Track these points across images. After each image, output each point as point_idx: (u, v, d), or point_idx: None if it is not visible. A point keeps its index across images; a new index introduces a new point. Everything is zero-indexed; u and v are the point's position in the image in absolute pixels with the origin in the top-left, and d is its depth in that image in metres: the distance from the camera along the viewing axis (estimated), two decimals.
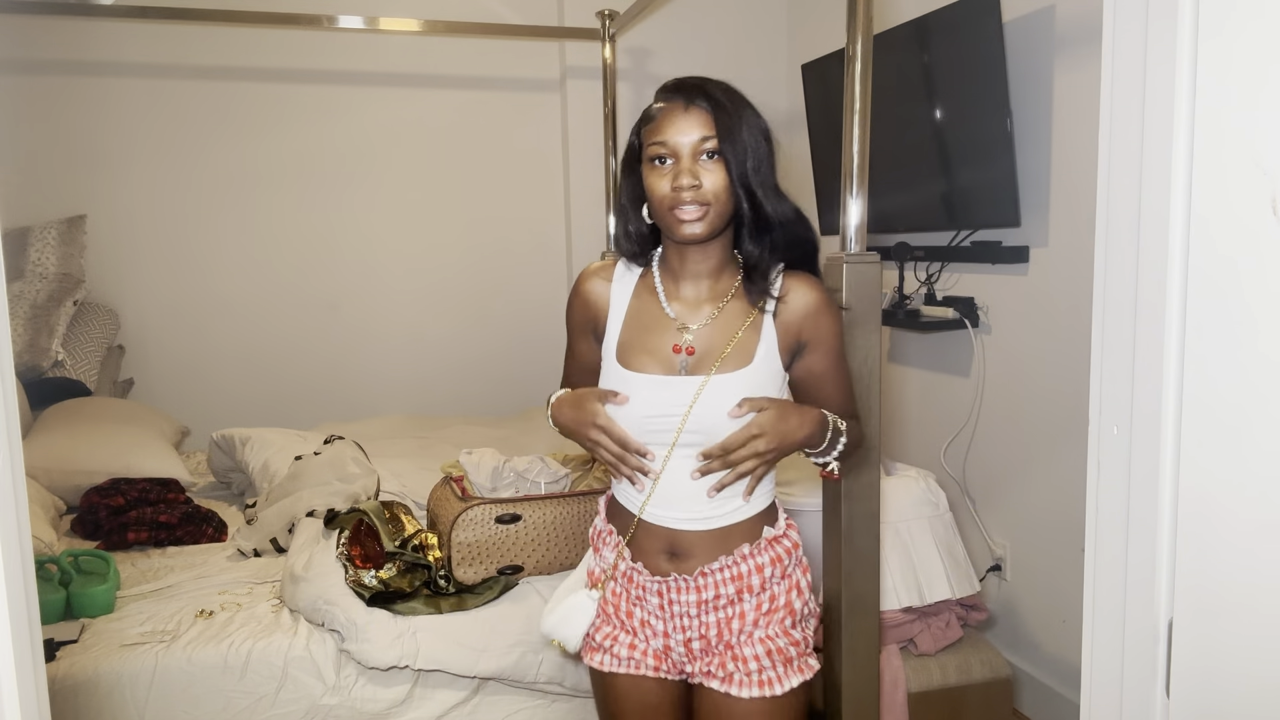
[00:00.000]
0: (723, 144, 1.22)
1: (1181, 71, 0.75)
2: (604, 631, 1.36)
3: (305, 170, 3.56)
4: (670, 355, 1.29)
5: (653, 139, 1.24)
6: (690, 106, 1.23)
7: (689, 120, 1.22)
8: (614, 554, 1.35)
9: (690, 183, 1.21)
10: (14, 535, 0.63)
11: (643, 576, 1.31)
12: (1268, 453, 0.71)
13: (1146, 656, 0.82)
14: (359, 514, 2.07)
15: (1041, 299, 2.41)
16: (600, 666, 1.35)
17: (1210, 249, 0.74)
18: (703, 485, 1.27)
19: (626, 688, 1.34)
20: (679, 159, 1.23)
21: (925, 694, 2.07)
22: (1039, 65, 2.37)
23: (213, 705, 1.73)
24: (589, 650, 1.37)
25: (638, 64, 3.64)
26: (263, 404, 3.53)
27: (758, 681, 1.27)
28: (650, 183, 1.25)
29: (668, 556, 1.30)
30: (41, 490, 2.42)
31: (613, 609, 1.35)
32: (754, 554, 1.29)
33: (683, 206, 1.22)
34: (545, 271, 3.83)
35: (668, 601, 1.30)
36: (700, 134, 1.22)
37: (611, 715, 1.38)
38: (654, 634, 1.33)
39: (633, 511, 1.32)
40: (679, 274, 1.33)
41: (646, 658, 1.34)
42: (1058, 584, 2.41)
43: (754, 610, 1.29)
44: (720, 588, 1.28)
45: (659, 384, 1.27)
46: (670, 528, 1.29)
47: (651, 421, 1.26)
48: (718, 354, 1.27)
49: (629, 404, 1.27)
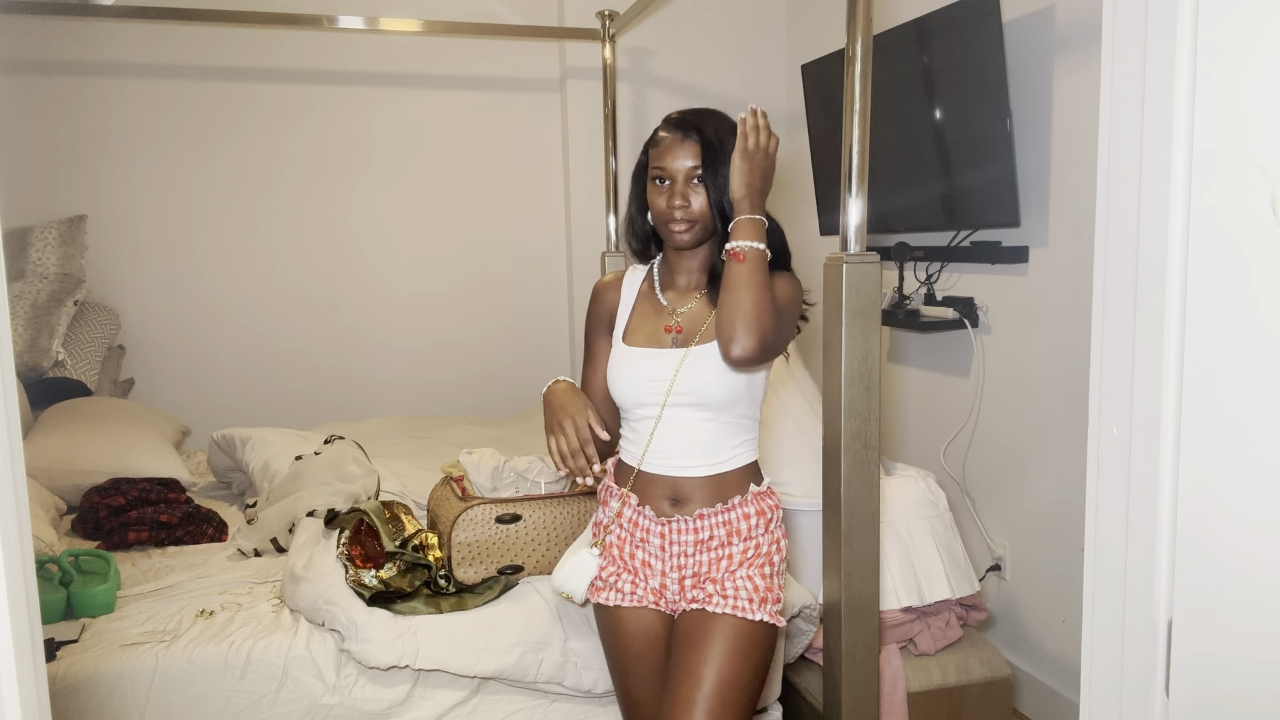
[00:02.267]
0: (705, 173, 1.48)
1: (1181, 71, 0.75)
2: (610, 570, 1.58)
3: (305, 170, 3.56)
4: (662, 334, 1.56)
5: (655, 163, 1.52)
6: (686, 139, 1.49)
7: (684, 150, 1.49)
8: (619, 502, 1.57)
9: (680, 203, 1.49)
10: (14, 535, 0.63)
11: (647, 520, 1.54)
12: (1268, 453, 0.71)
13: (1146, 656, 0.82)
14: (359, 514, 2.07)
15: (1041, 299, 2.41)
16: (606, 602, 1.57)
17: (1210, 249, 0.74)
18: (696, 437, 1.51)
19: (629, 619, 1.56)
20: (674, 182, 1.50)
21: (925, 694, 2.07)
22: (1039, 65, 2.37)
23: (213, 705, 1.73)
24: (595, 591, 1.58)
25: (638, 64, 3.64)
26: (263, 404, 3.53)
27: (732, 605, 1.48)
28: (651, 199, 1.54)
29: (671, 502, 1.54)
30: (42, 490, 2.42)
31: (617, 552, 1.58)
32: (743, 504, 1.53)
33: (674, 221, 1.50)
34: (545, 271, 3.83)
35: (669, 542, 1.53)
36: (691, 163, 1.49)
37: (617, 644, 1.58)
38: (653, 573, 1.55)
39: (632, 465, 1.56)
40: (675, 269, 1.61)
41: (647, 594, 1.56)
42: (1057, 584, 2.41)
43: (740, 554, 1.52)
44: (714, 530, 1.52)
45: (652, 355, 1.54)
46: (672, 475, 1.53)
47: (647, 384, 1.52)
48: (698, 330, 1.54)
49: (630, 371, 1.53)
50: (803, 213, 3.46)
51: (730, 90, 3.73)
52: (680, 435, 1.51)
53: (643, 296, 1.62)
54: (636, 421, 1.55)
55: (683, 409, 1.51)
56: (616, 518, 1.58)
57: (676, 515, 1.53)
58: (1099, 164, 0.85)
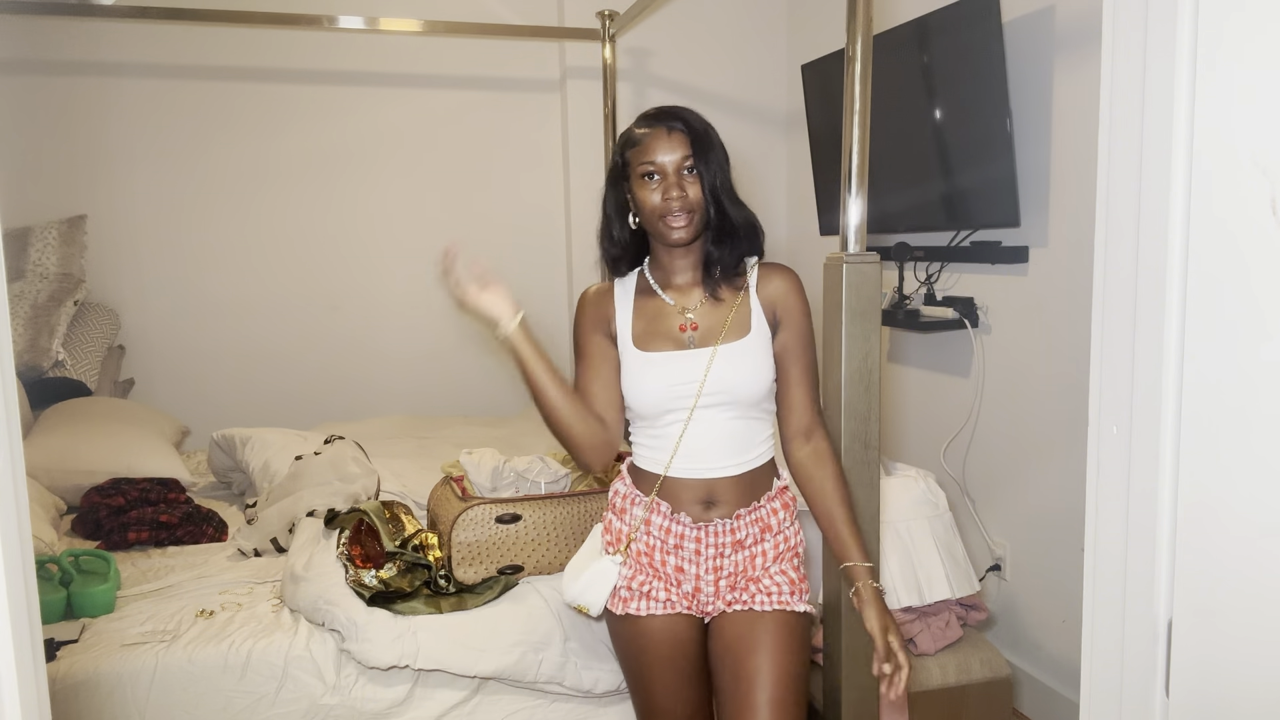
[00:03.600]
0: (698, 161, 1.47)
1: (1181, 71, 0.75)
2: (639, 580, 1.52)
3: (306, 170, 3.56)
4: (678, 334, 1.53)
5: (642, 159, 1.48)
6: (672, 131, 1.48)
7: (672, 142, 1.47)
8: (647, 511, 1.53)
9: (677, 194, 1.46)
10: (14, 535, 0.63)
11: (681, 526, 1.51)
12: (1267, 453, 0.71)
13: (1146, 656, 0.82)
14: (359, 514, 2.07)
15: (1041, 299, 2.41)
16: (637, 613, 1.52)
17: (1210, 249, 0.74)
18: (725, 436, 1.50)
19: (662, 626, 1.52)
20: (666, 175, 1.47)
21: (925, 694, 2.07)
22: (1039, 65, 2.37)
23: (213, 705, 1.73)
24: (621, 602, 1.52)
25: (638, 64, 3.64)
26: (263, 404, 3.53)
27: (777, 601, 1.49)
28: (642, 197, 1.49)
29: (704, 505, 1.51)
30: (42, 490, 2.42)
31: (647, 560, 1.54)
32: (770, 500, 1.54)
33: (673, 214, 1.46)
34: (545, 271, 3.83)
35: (705, 545, 1.51)
36: (682, 153, 1.47)
37: (645, 652, 1.53)
38: (686, 578, 1.53)
39: (657, 471, 1.53)
40: (669, 270, 1.57)
41: (680, 600, 1.52)
42: (1057, 584, 2.41)
43: (772, 549, 1.53)
44: (749, 529, 1.52)
45: (675, 358, 1.51)
46: (704, 478, 1.51)
47: (674, 389, 1.49)
48: (718, 328, 1.51)
49: (654, 377, 1.50)
50: (803, 213, 3.46)
51: (730, 90, 3.73)
52: (710, 436, 1.50)
53: (641, 301, 1.57)
54: (662, 427, 1.52)
55: (712, 409, 1.49)
56: (645, 525, 1.54)
57: (713, 518, 1.51)
58: (1099, 164, 0.85)
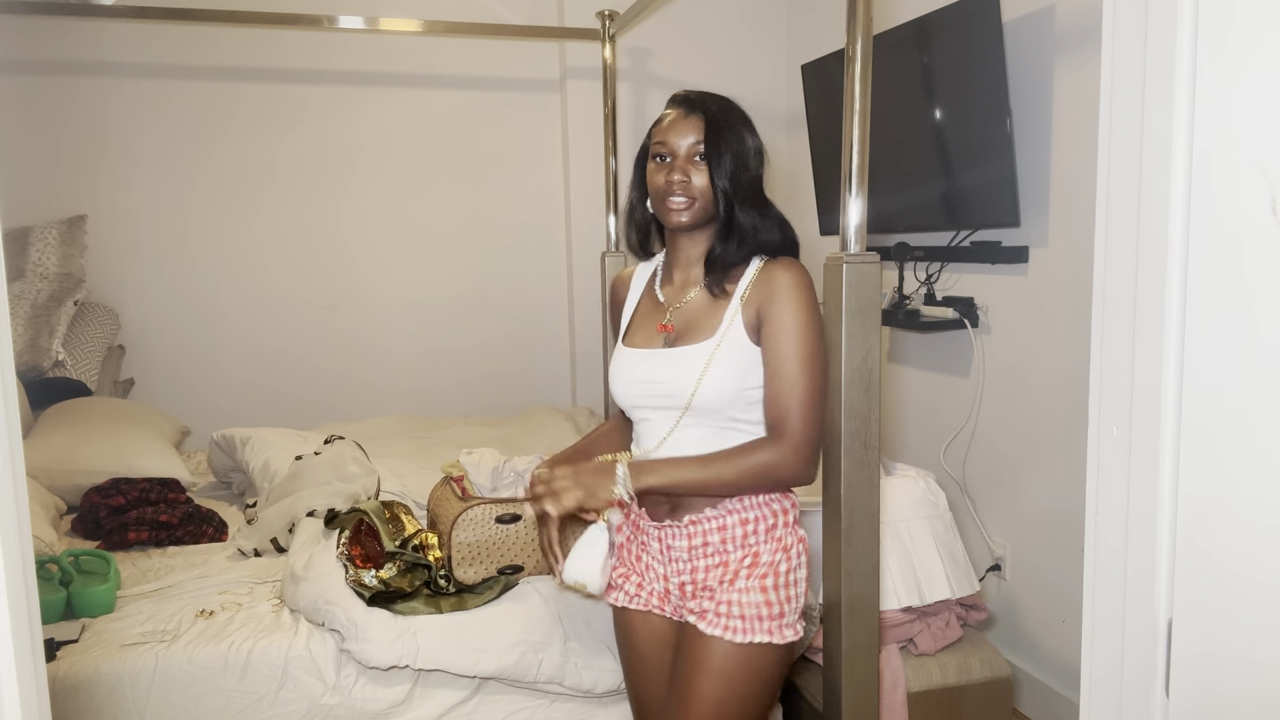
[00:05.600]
0: (708, 149, 1.43)
1: (1181, 71, 0.75)
2: (619, 571, 1.56)
3: (306, 170, 3.56)
4: (655, 333, 1.51)
5: (656, 139, 1.47)
6: (690, 114, 1.45)
7: (687, 125, 1.44)
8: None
9: (680, 178, 1.43)
10: (14, 535, 0.63)
11: (646, 522, 1.51)
12: (1268, 453, 0.71)
13: (1146, 656, 0.82)
14: (359, 514, 2.07)
15: (1041, 299, 2.41)
16: (615, 603, 1.56)
17: (1210, 249, 0.74)
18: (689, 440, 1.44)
19: (637, 622, 1.54)
20: (675, 157, 1.44)
21: (925, 694, 2.07)
22: (1039, 65, 2.37)
23: (213, 705, 1.73)
24: (610, 589, 1.55)
25: (638, 64, 3.64)
26: (263, 404, 3.53)
27: (724, 625, 1.41)
28: (650, 175, 1.48)
29: (669, 507, 1.48)
30: (42, 490, 2.42)
31: (627, 552, 1.56)
32: (741, 509, 1.44)
33: (673, 197, 1.43)
34: (545, 272, 3.83)
35: (665, 546, 1.49)
36: (694, 138, 1.43)
37: (625, 645, 1.57)
38: (656, 576, 1.51)
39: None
40: (673, 261, 1.54)
41: (652, 597, 1.52)
42: (1057, 584, 2.41)
43: (738, 562, 1.44)
44: (708, 536, 1.44)
45: (646, 357, 1.49)
46: None
47: (640, 386, 1.48)
48: (691, 331, 1.47)
49: (625, 374, 1.50)
50: (803, 213, 3.46)
51: (730, 90, 3.69)
52: (670, 439, 1.46)
53: (646, 293, 1.58)
54: (637, 423, 1.53)
55: (669, 412, 1.46)
56: (625, 516, 1.55)
57: (669, 520, 1.47)
58: (1099, 164, 0.85)
